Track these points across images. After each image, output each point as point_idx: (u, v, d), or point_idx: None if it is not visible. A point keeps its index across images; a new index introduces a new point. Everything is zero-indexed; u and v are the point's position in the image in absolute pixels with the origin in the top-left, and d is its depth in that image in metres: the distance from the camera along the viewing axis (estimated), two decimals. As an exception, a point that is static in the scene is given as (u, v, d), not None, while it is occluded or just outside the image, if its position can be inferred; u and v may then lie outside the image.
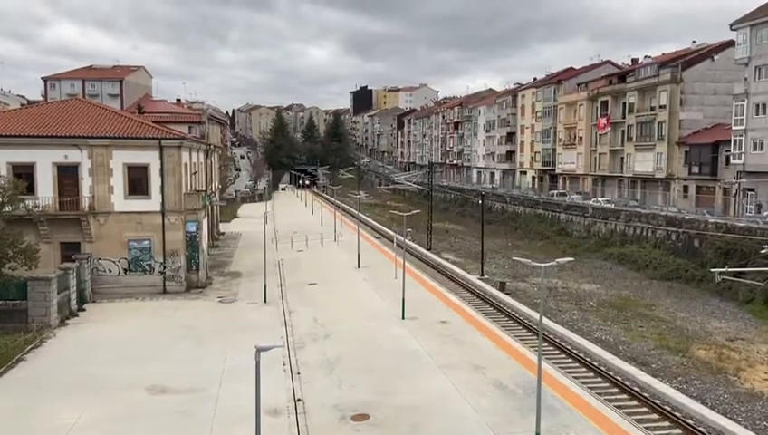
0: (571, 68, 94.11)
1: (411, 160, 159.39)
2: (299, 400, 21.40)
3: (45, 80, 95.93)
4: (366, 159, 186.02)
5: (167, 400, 21.53)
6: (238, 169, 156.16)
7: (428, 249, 59.59)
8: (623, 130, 72.35)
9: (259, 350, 13.87)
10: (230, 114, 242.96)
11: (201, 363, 25.10)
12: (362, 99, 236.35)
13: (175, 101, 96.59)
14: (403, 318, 31.94)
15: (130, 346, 27.30)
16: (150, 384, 22.72)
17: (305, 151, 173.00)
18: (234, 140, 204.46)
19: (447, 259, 55.30)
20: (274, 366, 23.81)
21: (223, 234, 66.92)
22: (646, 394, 23.75)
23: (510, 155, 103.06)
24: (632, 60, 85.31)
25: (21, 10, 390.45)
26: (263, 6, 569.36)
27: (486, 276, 46.89)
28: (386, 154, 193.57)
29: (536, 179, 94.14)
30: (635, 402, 23.23)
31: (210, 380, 23.14)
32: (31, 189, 34.93)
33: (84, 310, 33.69)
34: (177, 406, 20.93)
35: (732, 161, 54.13)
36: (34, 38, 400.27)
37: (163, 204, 37.60)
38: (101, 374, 23.73)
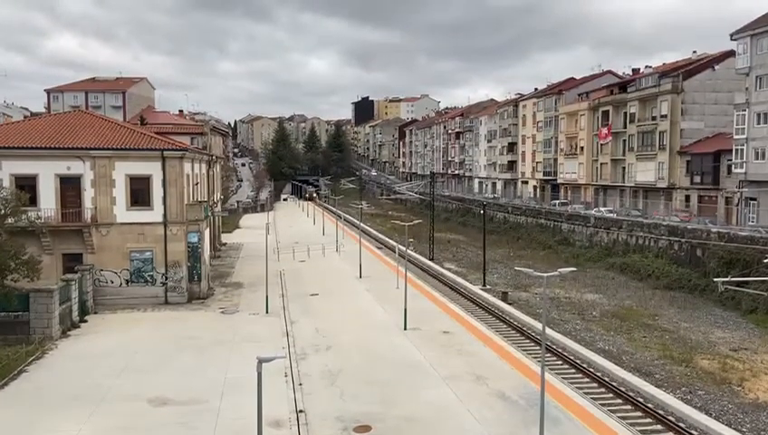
0: (572, 78, 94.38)
1: (413, 171, 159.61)
2: (301, 411, 21.32)
3: (48, 92, 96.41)
4: (375, 173, 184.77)
5: (168, 412, 21.45)
6: (240, 180, 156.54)
7: (430, 259, 59.55)
8: (624, 140, 72.41)
9: (261, 361, 13.85)
10: (232, 125, 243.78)
11: (203, 375, 25.04)
12: (364, 109, 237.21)
13: (177, 113, 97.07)
14: (405, 328, 31.86)
15: (132, 358, 27.26)
16: (152, 396, 22.66)
17: (307, 162, 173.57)
18: (236, 150, 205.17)
19: (449, 269, 55.22)
20: (276, 377, 23.74)
21: (225, 245, 66.93)
22: (650, 405, 23.63)
23: (511, 165, 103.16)
24: (633, 70, 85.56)
25: (20, 21, 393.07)
26: (262, 17, 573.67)
27: (489, 286, 46.79)
28: (387, 164, 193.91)
29: (538, 189, 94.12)
30: (639, 413, 23.11)
31: (212, 391, 23.07)
32: (33, 201, 34.92)
33: (86, 321, 33.66)
34: (179, 418, 20.85)
35: (733, 171, 54.11)
36: (35, 49, 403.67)
37: (165, 215, 37.65)
38: (103, 386, 23.68)
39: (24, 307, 29.73)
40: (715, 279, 33.41)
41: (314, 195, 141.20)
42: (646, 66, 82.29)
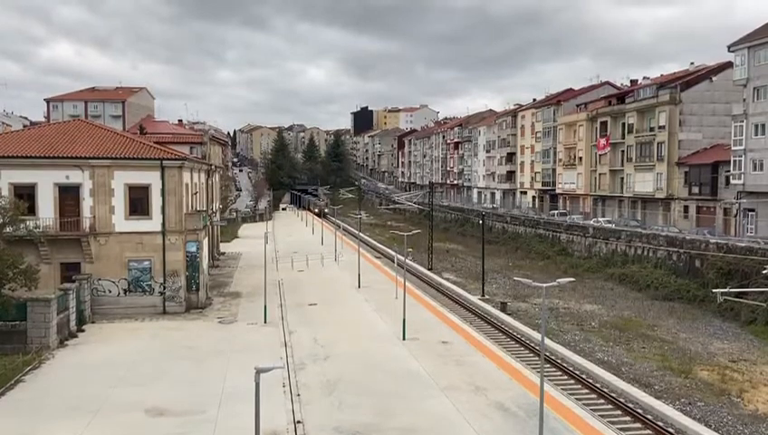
0: (571, 89, 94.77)
1: (412, 180, 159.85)
2: (299, 422, 21.22)
3: (48, 101, 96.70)
4: (382, 185, 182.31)
5: (165, 422, 21.34)
6: (239, 190, 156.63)
7: (429, 269, 59.50)
8: (623, 151, 72.62)
9: (259, 371, 13.80)
10: (231, 134, 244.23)
11: (200, 385, 24.92)
12: (363, 119, 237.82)
13: (176, 122, 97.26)
14: (404, 339, 31.78)
15: (130, 367, 27.14)
16: (149, 406, 22.54)
17: (306, 171, 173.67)
18: (235, 160, 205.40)
19: (448, 279, 55.18)
20: (274, 387, 23.65)
21: (223, 254, 66.87)
22: (649, 416, 23.54)
23: (510, 175, 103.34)
24: (631, 81, 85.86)
25: (15, 28, 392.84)
26: (260, 26, 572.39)
27: (487, 297, 46.73)
28: (386, 174, 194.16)
29: (536, 199, 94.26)
30: (638, 425, 23.02)
31: (209, 401, 22.97)
32: (32, 210, 34.92)
33: (84, 331, 33.54)
34: (176, 428, 20.74)
35: (732, 181, 54.24)
36: (32, 58, 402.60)
37: (164, 224, 37.61)
38: (100, 396, 23.57)
39: (21, 316, 29.63)
40: (714, 290, 33.44)
41: (325, 210, 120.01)
42: (644, 77, 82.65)
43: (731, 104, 56.09)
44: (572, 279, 23.48)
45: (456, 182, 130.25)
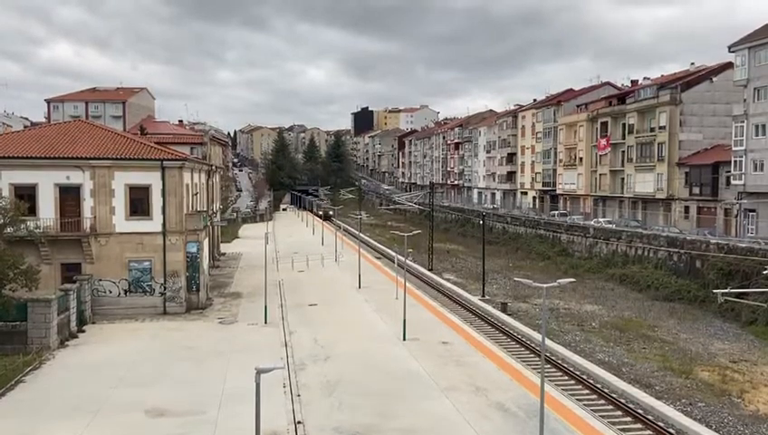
0: (571, 89, 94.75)
1: (412, 181, 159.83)
2: (299, 422, 21.22)
3: (49, 102, 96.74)
4: (386, 186, 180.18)
5: (165, 422, 21.34)
6: (239, 190, 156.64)
7: (430, 270, 59.51)
8: (623, 151, 72.61)
9: (259, 371, 13.80)
10: (231, 135, 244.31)
11: (200, 385, 24.93)
12: (363, 119, 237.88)
13: (177, 123, 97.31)
14: (404, 339, 31.78)
15: (130, 368, 27.15)
16: (149, 407, 22.55)
17: (306, 172, 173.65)
18: (235, 160, 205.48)
19: (449, 280, 55.17)
20: (274, 388, 23.64)
21: (224, 254, 66.87)
22: (650, 417, 23.54)
23: (510, 175, 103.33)
24: (631, 81, 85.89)
25: (15, 28, 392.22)
26: (260, 26, 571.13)
27: (488, 297, 46.72)
28: (387, 174, 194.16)
29: (537, 200, 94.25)
30: (639, 425, 23.02)
31: (209, 402, 22.97)
32: (33, 210, 34.92)
33: (84, 331, 33.55)
34: (176, 429, 20.74)
35: (732, 182, 54.23)
36: (31, 58, 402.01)
37: (164, 225, 37.62)
38: (100, 396, 23.58)
39: (22, 317, 29.65)
40: (715, 290, 33.40)
41: (330, 213, 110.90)
42: (644, 78, 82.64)
43: (731, 105, 56.08)
44: (573, 280, 23.48)
45: (456, 183, 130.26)
